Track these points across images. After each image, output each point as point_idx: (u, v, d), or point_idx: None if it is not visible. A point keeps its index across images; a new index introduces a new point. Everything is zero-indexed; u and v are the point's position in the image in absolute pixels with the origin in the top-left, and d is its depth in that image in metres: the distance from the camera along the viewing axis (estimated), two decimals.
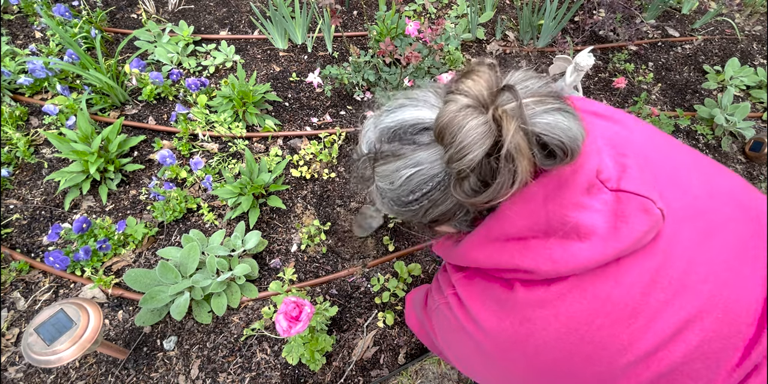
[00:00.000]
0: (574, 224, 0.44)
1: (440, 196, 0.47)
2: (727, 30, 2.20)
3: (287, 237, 1.43)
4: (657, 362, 0.45)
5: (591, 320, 0.45)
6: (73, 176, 1.40)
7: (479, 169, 0.41)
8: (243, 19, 2.05)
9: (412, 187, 0.47)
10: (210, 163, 1.55)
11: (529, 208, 0.46)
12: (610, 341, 0.45)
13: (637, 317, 0.45)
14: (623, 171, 0.46)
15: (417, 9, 2.14)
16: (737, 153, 1.75)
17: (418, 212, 0.51)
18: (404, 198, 0.49)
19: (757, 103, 1.90)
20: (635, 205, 0.44)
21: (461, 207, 0.48)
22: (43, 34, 1.91)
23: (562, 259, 0.45)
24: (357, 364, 1.22)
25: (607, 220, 0.44)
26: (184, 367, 1.19)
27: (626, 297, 0.45)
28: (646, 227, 0.44)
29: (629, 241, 0.44)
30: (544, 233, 0.46)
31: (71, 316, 0.93)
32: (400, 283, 1.32)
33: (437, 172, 0.46)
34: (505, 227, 0.48)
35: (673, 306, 0.45)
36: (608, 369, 0.46)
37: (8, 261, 1.31)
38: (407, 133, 0.48)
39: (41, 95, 1.71)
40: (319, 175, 1.56)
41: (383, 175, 0.50)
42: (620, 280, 0.45)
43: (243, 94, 1.59)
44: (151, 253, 1.37)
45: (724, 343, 0.45)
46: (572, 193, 0.45)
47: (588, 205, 0.45)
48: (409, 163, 0.46)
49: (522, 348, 0.49)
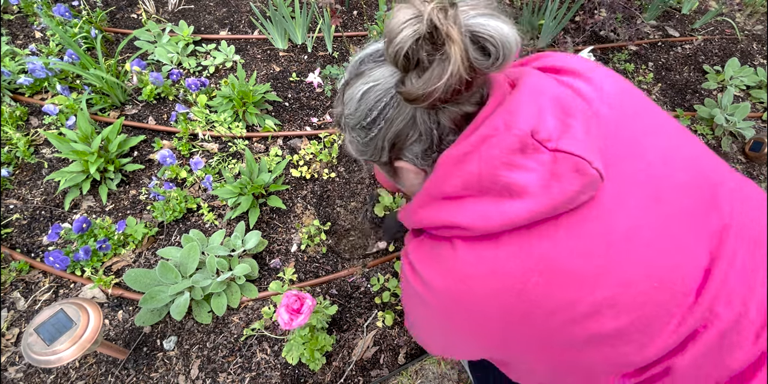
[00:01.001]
0: (506, 183, 0.46)
1: (394, 113, 0.51)
2: (727, 30, 2.20)
3: (287, 237, 1.43)
4: (594, 324, 0.46)
5: (526, 278, 0.46)
6: (73, 176, 1.40)
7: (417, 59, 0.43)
8: (243, 19, 2.05)
9: (369, 105, 0.51)
10: (210, 163, 1.55)
11: (463, 167, 0.48)
12: (546, 300, 0.46)
13: (574, 280, 0.46)
14: (565, 131, 0.47)
15: None
16: (737, 153, 1.75)
17: (377, 141, 0.54)
18: (364, 122, 0.53)
19: (757, 103, 1.90)
20: (570, 164, 0.45)
21: (413, 125, 0.51)
22: (43, 34, 1.91)
23: (493, 216, 0.46)
24: (357, 364, 1.22)
25: (541, 178, 0.45)
26: (184, 367, 1.19)
27: (563, 258, 0.46)
28: (577, 187, 0.45)
29: (560, 200, 0.45)
30: (478, 191, 0.48)
31: (71, 316, 0.93)
32: (400, 283, 1.32)
33: (390, 85, 0.50)
34: (441, 186, 0.50)
35: (612, 271, 0.46)
36: (543, 327, 0.48)
37: (8, 261, 1.31)
38: (369, 59, 0.53)
39: (41, 95, 1.71)
40: (319, 175, 1.56)
41: (347, 100, 0.54)
42: (557, 241, 0.46)
43: (243, 94, 1.59)
44: (151, 253, 1.37)
45: (658, 308, 0.46)
46: (503, 152, 0.46)
47: (521, 164, 0.46)
48: (367, 79, 0.52)
49: (465, 304, 0.51)
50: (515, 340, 0.52)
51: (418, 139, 0.52)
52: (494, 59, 0.43)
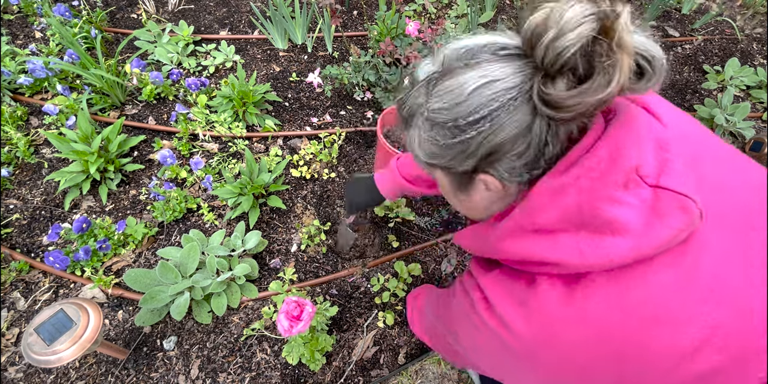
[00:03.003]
0: (607, 219, 0.43)
1: (505, 118, 0.43)
2: (727, 30, 2.21)
3: (287, 237, 1.43)
4: (695, 365, 0.43)
5: (621, 322, 0.44)
6: (73, 176, 1.40)
7: (573, 64, 0.39)
8: (243, 19, 2.05)
9: (477, 103, 0.44)
10: (210, 163, 1.55)
11: (561, 199, 0.45)
12: (644, 344, 0.44)
13: (670, 320, 0.43)
14: (664, 166, 0.44)
15: (417, 9, 2.14)
16: None
17: (469, 146, 0.46)
18: (462, 120, 0.45)
19: (757, 103, 1.90)
20: (674, 203, 0.42)
21: (526, 134, 0.44)
22: (43, 34, 1.91)
23: (591, 253, 0.43)
24: (357, 364, 1.22)
25: (641, 216, 0.43)
26: (184, 367, 1.19)
27: (657, 299, 0.43)
28: (681, 225, 0.42)
29: (663, 239, 0.42)
30: (575, 226, 0.45)
31: (71, 316, 0.93)
32: (400, 283, 1.32)
33: (512, 86, 0.42)
34: (536, 218, 0.47)
35: (706, 310, 0.43)
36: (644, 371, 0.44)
37: (8, 261, 1.31)
38: (484, 51, 0.45)
39: (41, 95, 1.71)
40: (319, 175, 1.56)
41: (444, 91, 0.46)
42: (649, 282, 0.43)
43: (243, 94, 1.59)
44: (151, 253, 1.37)
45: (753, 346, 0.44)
46: (608, 186, 0.43)
47: (623, 200, 0.43)
48: (484, 72, 0.43)
49: (550, 348, 0.48)
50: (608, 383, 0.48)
51: (523, 151, 0.46)
52: (646, 81, 0.41)
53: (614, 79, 0.38)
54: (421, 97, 0.49)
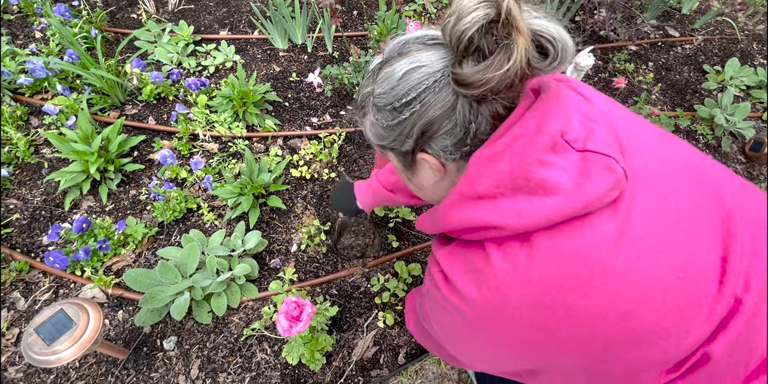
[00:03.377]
0: (539, 180, 0.46)
1: (434, 98, 0.49)
2: (727, 30, 2.20)
3: (287, 237, 1.43)
4: (630, 323, 0.46)
5: (562, 281, 0.46)
6: (73, 176, 1.40)
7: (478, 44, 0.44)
8: (243, 19, 2.05)
9: (409, 85, 0.50)
10: (210, 163, 1.55)
11: (495, 166, 0.49)
12: (584, 303, 0.46)
13: (608, 278, 0.46)
14: (590, 133, 0.48)
15: (417, 9, 2.14)
16: (737, 153, 1.75)
17: (405, 126, 0.53)
18: (397, 103, 0.52)
19: (757, 103, 1.90)
20: (600, 163, 0.46)
21: (450, 113, 0.50)
22: (43, 34, 1.92)
23: (528, 213, 0.46)
24: (357, 364, 1.22)
25: (571, 177, 0.46)
26: (184, 367, 1.19)
27: (594, 256, 0.46)
28: (608, 185, 0.46)
29: (592, 196, 0.46)
30: (511, 190, 0.48)
31: (71, 316, 0.93)
32: (400, 283, 1.32)
33: (436, 69, 0.49)
34: (474, 185, 0.50)
35: (638, 266, 0.46)
36: (584, 331, 0.47)
37: (8, 261, 1.31)
38: (414, 42, 0.53)
39: (41, 95, 1.71)
40: (319, 175, 1.56)
41: (384, 78, 0.53)
42: (586, 240, 0.46)
43: (243, 94, 1.59)
44: (151, 253, 1.37)
45: (688, 300, 0.46)
46: (536, 150, 0.47)
47: (553, 162, 0.46)
48: (412, 60, 0.50)
49: (501, 313, 0.50)
50: (554, 348, 0.50)
51: (451, 130, 0.51)
52: (551, 60, 0.45)
53: (513, 57, 0.43)
54: (369, 86, 0.56)
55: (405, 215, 1.45)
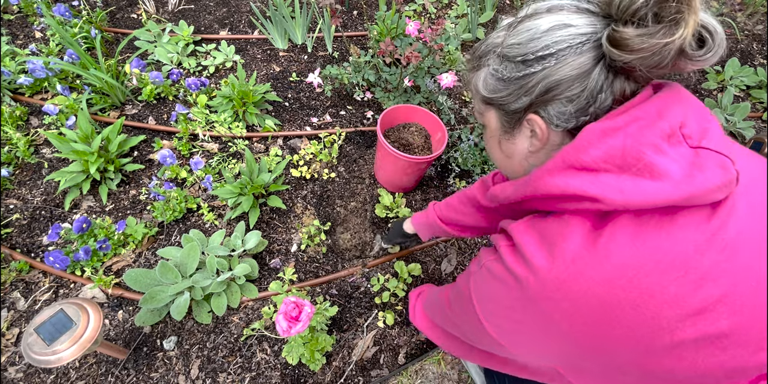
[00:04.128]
0: (649, 162, 0.46)
1: (571, 59, 0.49)
2: (727, 30, 2.20)
3: (287, 237, 1.43)
4: (705, 321, 0.44)
5: (641, 266, 0.45)
6: (73, 176, 1.40)
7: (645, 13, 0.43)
8: (243, 19, 2.05)
9: (550, 41, 0.50)
10: (210, 163, 1.55)
11: (608, 140, 0.48)
12: (658, 290, 0.45)
13: (688, 272, 0.44)
14: (705, 132, 0.48)
15: (417, 9, 2.14)
16: None
17: (530, 80, 0.52)
18: (531, 55, 0.51)
19: (757, 103, 1.90)
20: (714, 160, 0.46)
21: (584, 78, 0.49)
22: (43, 34, 1.91)
23: (631, 191, 0.46)
24: (357, 364, 1.22)
25: (682, 167, 0.46)
26: (184, 367, 1.19)
27: (679, 250, 0.45)
28: (720, 182, 0.45)
29: (700, 190, 0.44)
30: (618, 167, 0.47)
31: (71, 316, 0.93)
32: (400, 283, 1.32)
33: (584, 32, 0.48)
34: (581, 155, 0.49)
35: (727, 270, 0.45)
36: (652, 319, 0.45)
37: (8, 261, 1.31)
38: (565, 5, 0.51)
39: (41, 95, 1.71)
40: (319, 175, 1.56)
41: (524, 30, 0.52)
42: (675, 233, 0.46)
43: (243, 94, 1.59)
44: (151, 253, 1.37)
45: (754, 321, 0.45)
46: (653, 134, 0.47)
47: (666, 150, 0.46)
48: (562, 18, 0.50)
49: (569, 288, 0.48)
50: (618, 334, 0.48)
51: (577, 95, 0.50)
52: (706, 51, 0.45)
53: (679, 32, 0.43)
54: (500, 37, 0.55)
55: (405, 215, 1.45)
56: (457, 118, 1.74)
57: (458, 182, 1.54)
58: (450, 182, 1.53)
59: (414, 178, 1.44)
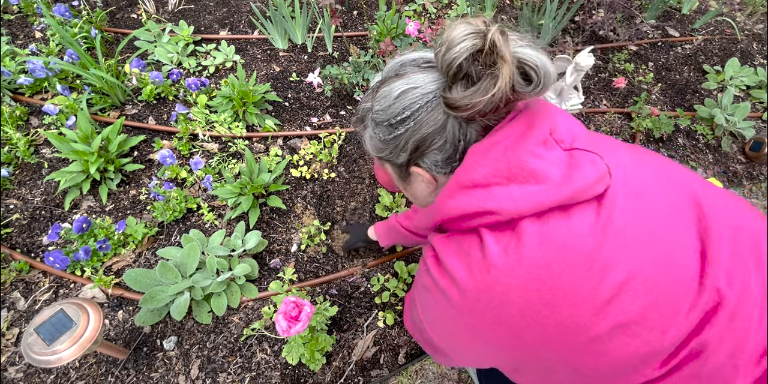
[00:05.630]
0: (532, 170, 0.50)
1: (426, 116, 0.54)
2: (727, 30, 2.21)
3: (287, 237, 1.43)
4: (615, 311, 0.47)
5: (550, 266, 0.48)
6: (73, 176, 1.40)
7: (466, 71, 0.48)
8: (243, 19, 2.05)
9: (404, 104, 0.55)
10: (210, 163, 1.55)
11: (491, 156, 0.52)
12: (570, 288, 0.48)
13: (592, 265, 0.48)
14: (574, 136, 0.54)
15: (417, 9, 2.14)
16: (737, 153, 1.75)
17: (400, 141, 0.58)
18: (393, 120, 0.56)
19: (757, 103, 1.90)
20: (585, 158, 0.51)
21: (441, 131, 0.55)
22: (43, 34, 1.91)
23: (521, 199, 0.50)
24: (357, 364, 1.22)
25: (560, 169, 0.51)
26: (184, 367, 1.19)
27: (580, 244, 0.49)
28: (595, 176, 0.50)
29: (580, 186, 0.49)
30: (506, 178, 0.51)
31: (71, 316, 0.93)
32: (400, 283, 1.32)
33: (429, 90, 0.54)
34: (471, 174, 0.53)
35: (623, 256, 0.48)
36: (570, 317, 0.48)
37: (8, 261, 1.31)
38: (411, 64, 0.57)
39: (41, 95, 1.71)
40: (319, 175, 1.56)
41: (381, 96, 0.57)
42: (573, 228, 0.49)
43: (243, 94, 1.59)
44: (151, 253, 1.37)
45: (670, 292, 0.48)
46: (529, 143, 0.51)
47: (544, 155, 0.51)
48: (408, 81, 0.55)
49: (489, 297, 0.51)
50: (540, 337, 0.50)
51: (441, 146, 0.56)
52: (534, 86, 0.49)
53: (498, 83, 0.47)
54: (369, 102, 0.60)
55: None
56: None
57: None
58: None
59: None
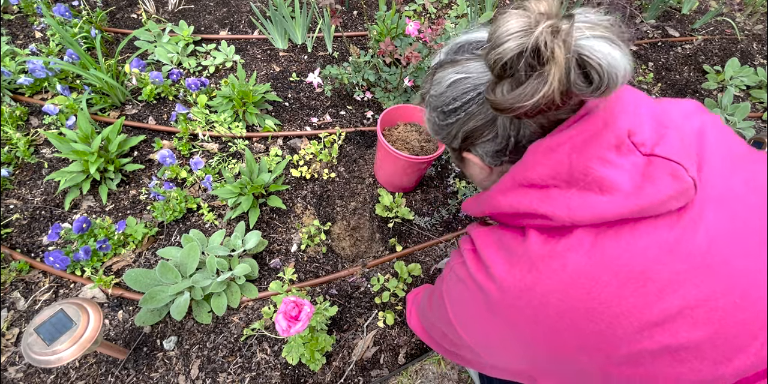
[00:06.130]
0: (597, 177, 0.45)
1: (477, 109, 0.52)
2: (727, 30, 2.21)
3: (287, 237, 1.43)
4: (666, 333, 0.44)
5: (598, 276, 0.45)
6: (73, 176, 1.40)
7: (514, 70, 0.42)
8: (243, 19, 2.05)
9: (455, 94, 0.53)
10: (210, 163, 1.55)
11: (553, 156, 0.48)
12: (615, 303, 0.44)
13: (647, 283, 0.44)
14: (660, 139, 0.47)
15: (417, 9, 2.14)
16: None
17: (452, 128, 0.57)
18: (445, 108, 0.55)
19: (757, 103, 1.90)
20: (665, 168, 0.45)
21: (491, 125, 0.52)
22: (43, 34, 1.91)
23: (578, 208, 0.46)
24: (357, 364, 1.22)
25: (632, 178, 0.45)
26: (184, 367, 1.19)
27: (638, 261, 0.44)
28: (671, 192, 0.44)
29: (651, 201, 0.44)
30: (565, 183, 0.47)
31: (71, 316, 0.93)
32: (400, 283, 1.32)
33: (481, 82, 0.51)
34: (529, 173, 0.50)
35: (690, 281, 0.44)
36: (609, 330, 0.45)
37: (8, 261, 1.31)
38: (469, 48, 0.54)
39: (41, 95, 1.71)
40: (319, 175, 1.56)
41: (437, 82, 0.56)
42: (634, 243, 0.45)
43: (243, 94, 1.59)
44: (151, 253, 1.37)
45: (740, 328, 0.43)
46: (599, 147, 0.46)
47: (615, 162, 0.45)
48: (461, 69, 0.53)
49: (528, 297, 0.49)
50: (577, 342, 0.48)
51: (492, 139, 0.54)
52: (595, 88, 0.42)
53: (542, 89, 0.41)
54: (427, 83, 0.59)
55: (405, 215, 1.45)
56: None
57: (458, 182, 1.54)
58: (450, 182, 1.53)
59: (414, 178, 1.44)
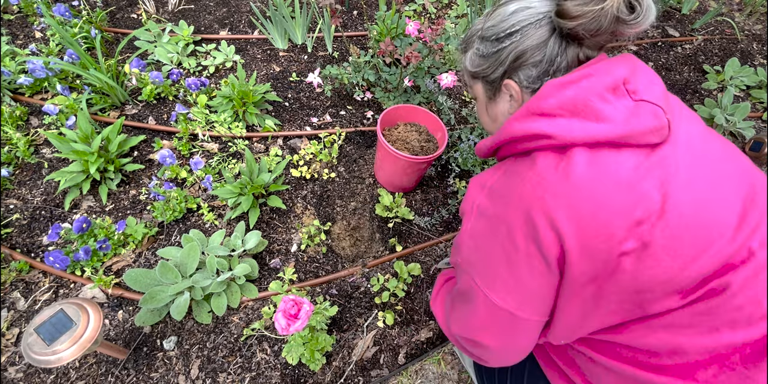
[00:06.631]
0: (595, 109, 0.57)
1: (533, 32, 0.63)
2: (727, 30, 2.21)
3: (287, 237, 1.43)
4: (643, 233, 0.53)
5: (595, 181, 0.55)
6: (73, 176, 1.40)
7: None
8: (243, 19, 2.05)
9: (517, 19, 0.64)
10: (210, 163, 1.55)
11: (563, 92, 0.59)
12: (609, 203, 0.54)
13: (632, 190, 0.54)
14: (648, 89, 0.59)
15: (417, 9, 2.14)
16: None
17: (502, 53, 0.66)
18: (502, 33, 0.65)
19: (757, 103, 1.90)
20: (649, 109, 0.56)
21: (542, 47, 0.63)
22: (43, 34, 1.91)
23: (578, 130, 0.57)
24: (357, 364, 1.22)
25: (622, 114, 0.57)
26: (184, 367, 1.19)
27: (623, 173, 0.55)
28: (652, 125, 0.55)
29: (635, 130, 0.55)
30: (570, 112, 0.58)
31: (71, 316, 0.93)
32: (400, 283, 1.32)
33: (541, 11, 0.63)
34: (541, 103, 0.61)
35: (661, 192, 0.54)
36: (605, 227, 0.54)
37: (8, 261, 1.31)
38: None
39: (41, 95, 1.71)
40: (319, 175, 1.56)
41: (496, 15, 0.67)
42: (620, 161, 0.56)
43: (243, 94, 1.59)
44: (151, 253, 1.37)
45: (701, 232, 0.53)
46: (600, 86, 0.58)
47: (611, 100, 0.57)
48: (522, 3, 0.64)
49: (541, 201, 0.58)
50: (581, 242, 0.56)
51: (538, 61, 0.64)
52: (635, 16, 0.55)
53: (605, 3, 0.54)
54: (481, 24, 0.70)
55: (405, 215, 1.45)
56: (457, 118, 1.74)
57: (458, 182, 1.54)
58: (450, 182, 1.53)
59: (414, 178, 1.44)
